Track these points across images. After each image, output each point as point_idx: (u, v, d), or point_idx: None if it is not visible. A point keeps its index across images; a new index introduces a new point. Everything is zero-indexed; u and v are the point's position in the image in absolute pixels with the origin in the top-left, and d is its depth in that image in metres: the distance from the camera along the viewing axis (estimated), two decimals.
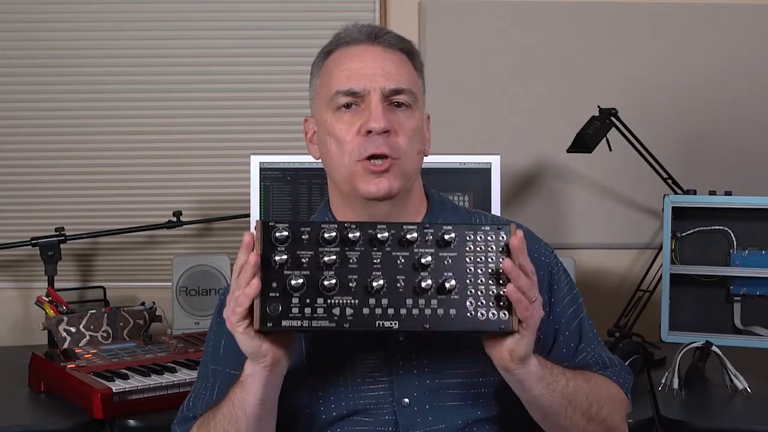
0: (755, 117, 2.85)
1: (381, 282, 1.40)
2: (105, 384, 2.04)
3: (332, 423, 1.57)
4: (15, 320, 2.93)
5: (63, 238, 2.70)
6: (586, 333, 1.67)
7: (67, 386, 2.10)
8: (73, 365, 2.15)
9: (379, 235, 1.41)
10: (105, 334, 2.47)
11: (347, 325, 1.39)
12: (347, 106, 1.56)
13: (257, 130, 2.90)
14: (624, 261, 2.91)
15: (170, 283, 2.70)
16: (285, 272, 1.40)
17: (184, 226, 2.82)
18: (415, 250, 1.42)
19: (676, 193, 2.58)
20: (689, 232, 2.38)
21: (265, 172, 2.37)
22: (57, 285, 2.67)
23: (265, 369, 1.44)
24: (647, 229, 2.87)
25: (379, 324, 1.40)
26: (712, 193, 2.37)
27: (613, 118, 2.54)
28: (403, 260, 1.42)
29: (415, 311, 1.41)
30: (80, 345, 2.40)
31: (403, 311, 1.40)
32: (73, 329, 2.44)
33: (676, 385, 2.17)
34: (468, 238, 1.43)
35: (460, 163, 2.36)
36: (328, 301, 1.39)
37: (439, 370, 1.56)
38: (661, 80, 2.85)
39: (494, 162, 2.35)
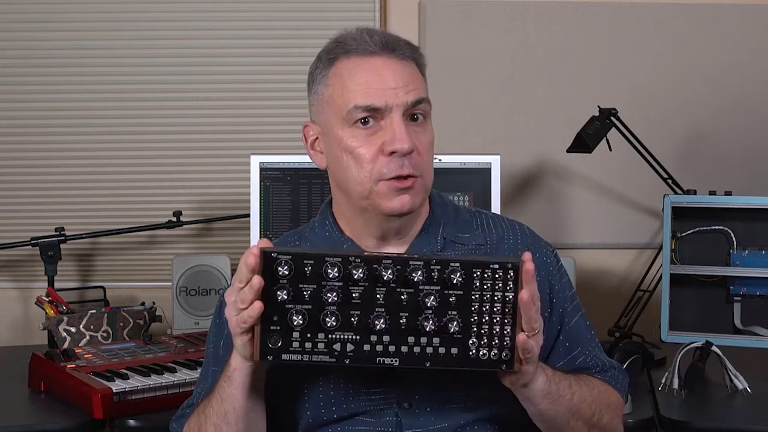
0: (755, 117, 2.85)
1: (383, 320, 1.38)
2: (105, 384, 2.04)
3: (333, 423, 1.57)
4: (15, 320, 2.93)
5: (63, 238, 2.70)
6: (584, 334, 1.67)
7: (67, 386, 2.10)
8: (73, 365, 2.15)
9: (383, 274, 1.39)
10: (105, 334, 2.47)
11: (347, 361, 1.39)
12: (364, 121, 1.52)
13: (257, 130, 2.89)
14: (624, 261, 2.91)
15: (170, 283, 2.70)
16: (286, 306, 1.38)
17: (184, 226, 2.82)
18: (420, 288, 1.39)
19: (676, 193, 2.58)
20: (689, 232, 2.38)
21: (265, 172, 2.37)
22: (57, 285, 2.67)
23: (252, 365, 1.45)
24: (647, 229, 2.87)
25: (379, 361, 1.39)
26: (712, 193, 2.37)
27: (613, 118, 2.54)
28: (406, 297, 1.39)
29: (417, 349, 1.39)
30: (80, 345, 2.40)
31: (404, 349, 1.39)
32: (73, 329, 2.44)
33: (676, 385, 2.16)
34: (475, 275, 1.40)
35: (460, 163, 2.36)
36: (329, 336, 1.38)
37: (440, 375, 1.55)
38: (661, 80, 2.85)
39: (494, 162, 2.35)
